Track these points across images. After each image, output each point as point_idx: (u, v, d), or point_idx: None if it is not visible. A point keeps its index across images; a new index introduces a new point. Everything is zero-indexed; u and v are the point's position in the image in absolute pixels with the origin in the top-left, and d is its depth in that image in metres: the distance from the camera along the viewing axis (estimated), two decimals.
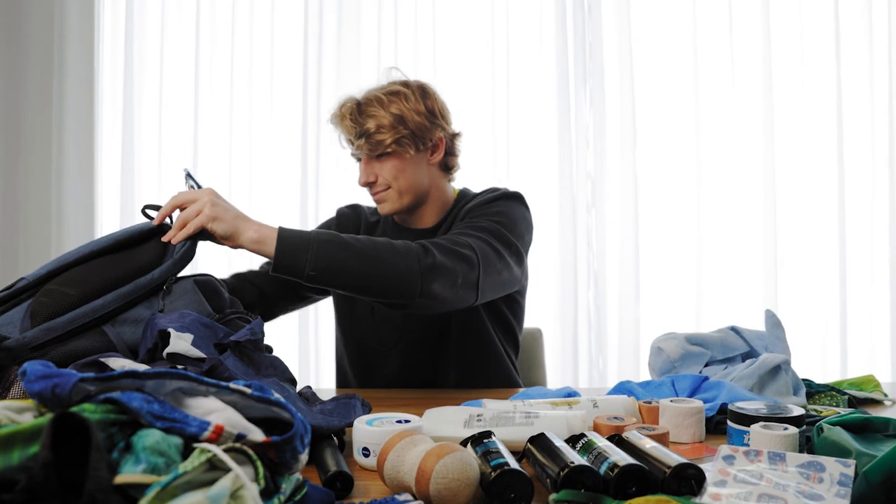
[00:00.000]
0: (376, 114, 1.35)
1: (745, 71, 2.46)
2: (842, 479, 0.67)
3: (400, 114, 1.35)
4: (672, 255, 2.46)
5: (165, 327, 0.95)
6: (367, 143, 1.35)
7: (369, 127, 1.34)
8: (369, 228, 1.52)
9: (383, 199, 1.40)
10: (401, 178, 1.37)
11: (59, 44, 2.39)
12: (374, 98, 1.37)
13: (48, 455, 0.49)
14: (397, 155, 1.36)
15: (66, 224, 2.42)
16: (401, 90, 1.38)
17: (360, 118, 1.35)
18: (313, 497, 0.66)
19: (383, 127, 1.34)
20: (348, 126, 1.36)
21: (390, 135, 1.34)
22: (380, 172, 1.38)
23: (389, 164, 1.37)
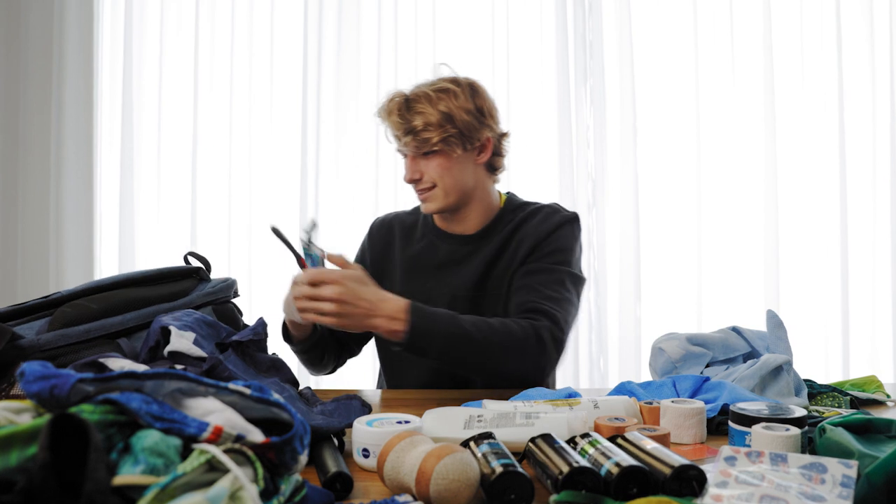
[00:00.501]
0: (424, 111, 1.32)
1: (745, 70, 2.46)
2: (844, 480, 0.66)
3: (448, 112, 1.32)
4: (673, 255, 2.46)
5: (167, 325, 0.95)
6: (414, 141, 1.32)
7: (417, 124, 1.31)
8: (406, 233, 1.48)
9: (428, 198, 1.37)
10: (446, 177, 1.35)
11: (58, 44, 2.40)
12: (422, 94, 1.34)
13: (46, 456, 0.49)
14: (444, 153, 1.34)
15: (64, 224, 2.42)
16: (450, 87, 1.35)
17: (407, 114, 1.32)
18: (313, 498, 0.65)
19: (431, 125, 1.31)
20: (395, 122, 1.33)
21: (437, 133, 1.31)
22: (425, 170, 1.35)
23: (435, 163, 1.34)
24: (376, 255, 1.47)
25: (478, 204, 1.41)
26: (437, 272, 1.41)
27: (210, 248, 2.44)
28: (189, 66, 2.46)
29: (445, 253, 1.42)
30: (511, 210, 1.44)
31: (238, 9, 2.47)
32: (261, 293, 2.43)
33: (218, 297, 1.17)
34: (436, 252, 1.43)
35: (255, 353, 1.03)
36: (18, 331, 0.98)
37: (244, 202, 2.47)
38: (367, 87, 2.45)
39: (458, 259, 1.41)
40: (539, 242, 1.36)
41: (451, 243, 1.42)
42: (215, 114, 2.47)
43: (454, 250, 1.42)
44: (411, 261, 1.43)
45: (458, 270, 1.40)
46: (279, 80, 2.48)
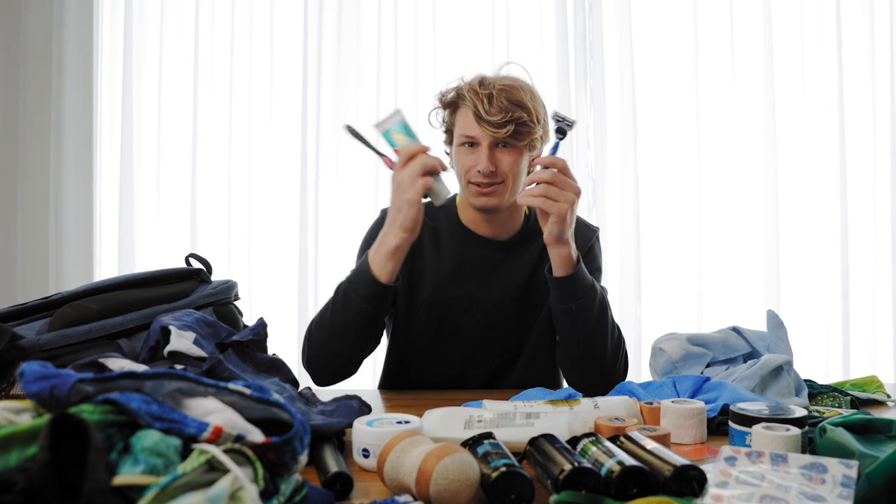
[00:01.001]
0: (529, 104, 1.28)
1: (746, 69, 2.46)
2: (844, 480, 0.66)
3: (540, 111, 1.31)
4: (673, 255, 2.46)
5: (167, 325, 0.95)
6: (515, 129, 1.25)
7: (521, 115, 1.25)
8: (433, 233, 1.40)
9: (494, 192, 1.30)
10: (517, 172, 1.30)
11: (58, 44, 2.39)
12: (524, 87, 1.30)
13: (46, 456, 0.49)
14: (519, 150, 1.30)
15: (64, 224, 2.42)
16: (534, 89, 1.33)
17: (512, 101, 1.26)
18: (313, 498, 0.65)
19: (533, 120, 1.28)
20: (501, 105, 1.24)
21: (536, 129, 1.29)
22: (499, 164, 1.28)
23: (511, 158, 1.29)
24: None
25: (515, 211, 1.38)
26: (477, 277, 1.37)
27: (210, 247, 2.44)
28: (189, 66, 2.46)
29: (481, 258, 1.38)
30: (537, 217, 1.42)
31: (238, 9, 2.47)
32: (261, 294, 2.43)
33: (218, 299, 1.17)
34: (471, 257, 1.38)
35: (255, 353, 1.03)
36: (19, 331, 0.98)
37: (244, 202, 2.47)
38: (367, 87, 2.45)
39: (494, 265, 1.37)
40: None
41: (486, 248, 1.38)
42: (215, 114, 2.46)
43: (489, 256, 1.38)
44: (446, 265, 1.38)
45: (499, 278, 1.37)
46: (279, 80, 2.47)
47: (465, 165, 1.31)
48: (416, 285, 1.38)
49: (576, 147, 2.45)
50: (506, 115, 1.24)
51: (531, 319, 1.38)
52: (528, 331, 1.39)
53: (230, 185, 2.46)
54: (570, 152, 2.43)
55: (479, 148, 1.28)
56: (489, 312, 1.36)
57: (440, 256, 1.38)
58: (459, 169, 1.33)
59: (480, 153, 1.27)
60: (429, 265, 1.38)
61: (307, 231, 2.43)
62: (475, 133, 1.27)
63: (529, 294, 1.37)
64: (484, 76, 1.31)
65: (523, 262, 1.38)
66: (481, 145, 1.28)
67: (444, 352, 1.38)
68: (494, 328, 1.37)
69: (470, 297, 1.36)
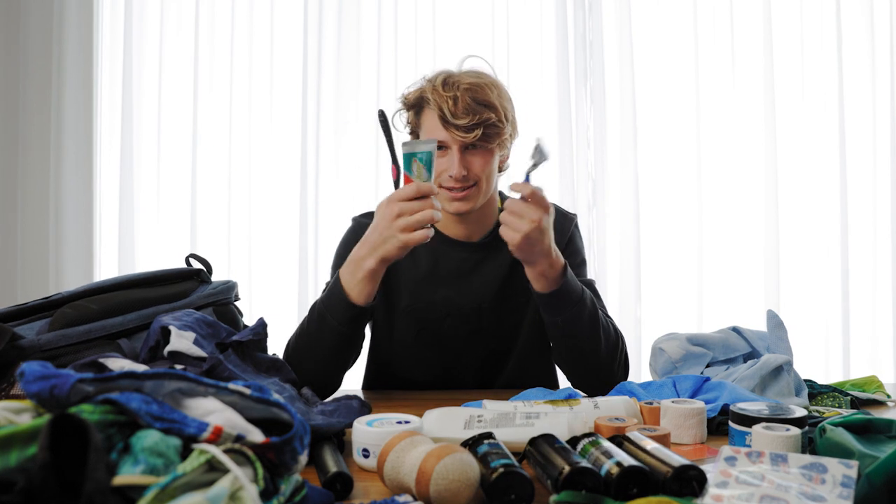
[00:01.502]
0: (496, 103, 1.23)
1: (746, 69, 2.46)
2: (844, 480, 0.66)
3: (508, 108, 1.26)
4: (673, 255, 2.46)
5: (167, 325, 0.95)
6: (484, 133, 1.21)
7: (489, 116, 1.21)
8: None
9: (468, 197, 1.26)
10: (489, 173, 1.26)
11: (58, 44, 2.39)
12: (491, 84, 1.24)
13: (46, 456, 0.49)
14: (490, 151, 1.25)
15: (64, 224, 2.42)
16: (500, 83, 1.27)
17: (479, 101, 1.21)
18: (313, 498, 0.65)
19: (501, 120, 1.23)
20: (467, 105, 1.19)
21: (504, 129, 1.25)
22: (470, 167, 1.24)
23: (482, 160, 1.24)
24: None
25: (487, 210, 1.35)
26: (454, 281, 1.34)
27: (209, 247, 2.44)
28: (189, 66, 2.46)
29: (457, 261, 1.35)
30: None
31: (238, 9, 2.47)
32: (261, 294, 2.43)
33: (218, 299, 1.17)
34: (446, 260, 1.35)
35: (255, 353, 1.03)
36: (19, 331, 0.97)
37: (244, 202, 2.47)
38: (367, 87, 2.45)
39: (470, 268, 1.35)
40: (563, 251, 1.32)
41: (461, 250, 1.36)
42: (215, 114, 2.46)
43: (465, 258, 1.36)
44: (421, 270, 1.35)
45: (476, 280, 1.35)
46: (279, 80, 2.47)
47: (434, 170, 1.24)
48: (392, 293, 1.36)
49: (576, 147, 2.45)
50: (473, 117, 1.20)
51: (515, 320, 1.35)
52: (514, 331, 1.37)
53: (230, 184, 2.46)
54: (570, 152, 2.43)
55: (449, 152, 1.24)
56: (469, 316, 1.34)
57: (415, 263, 1.36)
58: None
59: (451, 158, 1.23)
60: (404, 272, 1.36)
61: (307, 231, 2.43)
62: (443, 137, 1.23)
63: (509, 294, 1.35)
64: (448, 74, 1.27)
65: (499, 261, 1.36)
66: (451, 149, 1.24)
67: (427, 357, 1.36)
68: (476, 332, 1.34)
69: (448, 301, 1.33)
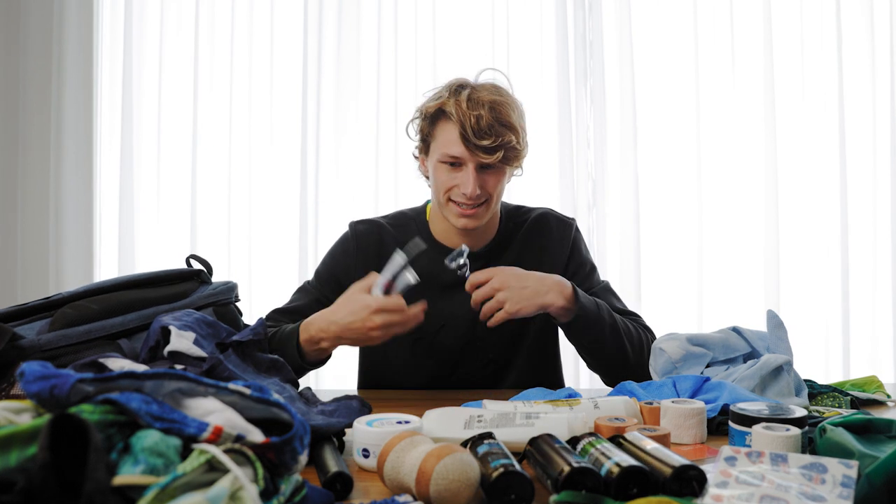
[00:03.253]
0: (516, 125, 1.22)
1: (746, 69, 2.45)
2: (844, 480, 0.66)
3: (524, 127, 1.26)
4: (673, 255, 2.46)
5: (167, 325, 0.95)
6: (504, 155, 1.20)
7: (510, 139, 1.20)
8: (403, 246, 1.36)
9: (477, 214, 1.25)
10: (499, 192, 1.26)
11: (58, 44, 2.39)
12: (511, 103, 1.23)
13: (46, 456, 0.49)
14: (503, 170, 1.25)
15: (64, 224, 2.41)
16: (517, 102, 1.27)
17: (501, 122, 1.19)
18: (313, 498, 0.65)
19: (520, 142, 1.23)
20: (492, 127, 1.18)
21: (522, 150, 1.25)
22: (484, 185, 1.23)
23: (496, 178, 1.24)
24: (369, 267, 1.29)
25: (490, 221, 1.35)
26: (449, 292, 1.31)
27: (209, 247, 2.43)
28: (189, 66, 2.46)
29: (454, 271, 1.31)
30: (509, 219, 1.40)
31: (238, 9, 2.47)
32: (261, 294, 2.43)
33: (219, 300, 1.17)
34: (444, 270, 1.31)
35: (255, 353, 1.03)
36: (19, 331, 0.97)
37: (244, 202, 2.47)
38: (367, 87, 2.45)
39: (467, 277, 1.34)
40: (568, 261, 1.37)
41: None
42: (215, 114, 2.46)
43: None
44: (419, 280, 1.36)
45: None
46: (279, 80, 2.47)
47: (445, 184, 1.25)
48: None
49: (576, 147, 2.44)
50: (495, 139, 1.19)
51: (515, 331, 1.34)
52: (514, 342, 1.36)
53: (230, 185, 2.46)
54: (570, 152, 2.43)
55: (464, 169, 1.23)
56: (464, 328, 1.32)
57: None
58: (438, 185, 1.27)
59: (465, 175, 1.22)
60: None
61: (307, 231, 2.43)
62: (461, 154, 1.21)
63: None
64: (470, 88, 1.24)
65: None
66: (466, 166, 1.22)
67: (421, 368, 1.35)
68: (471, 343, 1.34)
69: (443, 312, 1.31)
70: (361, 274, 1.31)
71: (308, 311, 1.33)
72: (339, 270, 1.37)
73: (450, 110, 1.21)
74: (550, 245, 1.38)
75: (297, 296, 1.39)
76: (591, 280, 1.40)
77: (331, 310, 1.15)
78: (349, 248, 1.38)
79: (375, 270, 1.28)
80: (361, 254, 1.36)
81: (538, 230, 1.39)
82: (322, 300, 1.35)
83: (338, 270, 1.38)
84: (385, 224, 1.40)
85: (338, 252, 1.40)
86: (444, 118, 1.24)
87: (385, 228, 1.39)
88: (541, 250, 1.37)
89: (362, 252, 1.36)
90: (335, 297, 1.34)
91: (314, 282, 1.40)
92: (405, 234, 1.36)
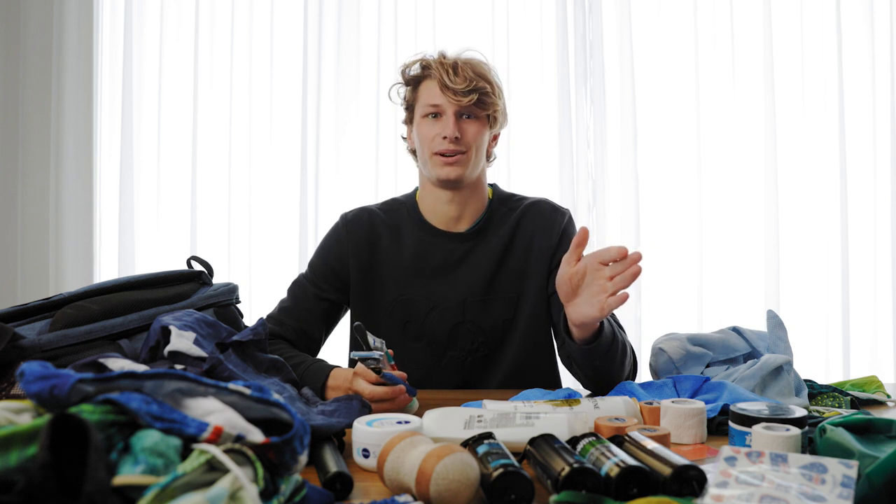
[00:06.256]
0: (489, 77, 1.33)
1: (746, 69, 2.45)
2: (844, 480, 0.66)
3: (500, 88, 1.36)
4: (673, 255, 2.46)
5: (167, 325, 0.95)
6: (479, 99, 1.30)
7: (484, 85, 1.31)
8: (392, 231, 1.39)
9: (458, 162, 1.32)
10: (480, 144, 1.34)
11: (58, 44, 2.39)
12: (483, 63, 1.35)
13: (46, 456, 0.49)
14: (482, 122, 1.34)
15: (64, 224, 2.42)
16: (491, 65, 1.38)
17: (476, 72, 1.31)
18: (313, 498, 0.65)
19: (493, 92, 1.33)
20: (466, 75, 1.29)
21: (497, 101, 1.34)
22: (464, 134, 1.32)
23: (474, 128, 1.32)
24: (360, 254, 1.38)
25: (477, 195, 1.39)
26: (439, 274, 1.36)
27: (209, 246, 2.44)
28: (189, 66, 2.46)
29: (443, 252, 1.37)
30: (500, 203, 1.42)
31: (238, 9, 2.47)
32: (261, 295, 2.43)
33: (220, 301, 1.17)
34: (433, 252, 1.37)
35: (255, 353, 1.03)
36: (20, 331, 0.97)
37: (244, 202, 2.47)
38: (367, 87, 2.45)
39: (457, 259, 1.37)
40: (557, 248, 1.36)
41: (447, 241, 1.37)
42: (215, 114, 2.46)
43: (451, 249, 1.37)
44: (407, 262, 1.37)
45: (462, 272, 1.36)
46: (279, 80, 2.47)
47: (429, 135, 1.33)
48: (377, 287, 1.38)
49: (576, 147, 2.44)
50: (470, 83, 1.29)
51: (505, 315, 1.36)
52: (505, 327, 1.37)
53: (230, 185, 2.46)
54: (570, 152, 2.43)
55: (444, 117, 1.32)
56: (453, 309, 1.36)
57: (401, 255, 1.38)
58: (422, 142, 1.34)
59: (446, 121, 1.31)
60: (389, 265, 1.38)
61: (307, 231, 2.43)
62: (440, 101, 1.31)
63: (496, 288, 1.36)
64: (435, 53, 1.36)
65: (488, 251, 1.37)
66: (446, 114, 1.31)
67: (411, 350, 1.37)
68: (461, 324, 1.36)
69: (433, 294, 1.35)
70: (355, 261, 1.37)
71: (310, 307, 1.37)
72: (333, 259, 1.40)
73: (429, 64, 1.34)
74: (540, 231, 1.39)
75: (295, 292, 1.41)
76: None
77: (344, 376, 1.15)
78: (341, 237, 1.41)
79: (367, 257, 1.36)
80: (353, 241, 1.39)
81: (529, 216, 1.40)
82: (319, 293, 1.38)
83: (331, 259, 1.40)
84: (376, 210, 1.43)
85: (330, 241, 1.43)
86: (425, 78, 1.35)
87: (375, 214, 1.42)
88: (530, 236, 1.38)
89: (353, 239, 1.39)
90: (330, 286, 1.39)
91: (308, 273, 1.42)
92: (396, 219, 1.41)
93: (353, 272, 1.38)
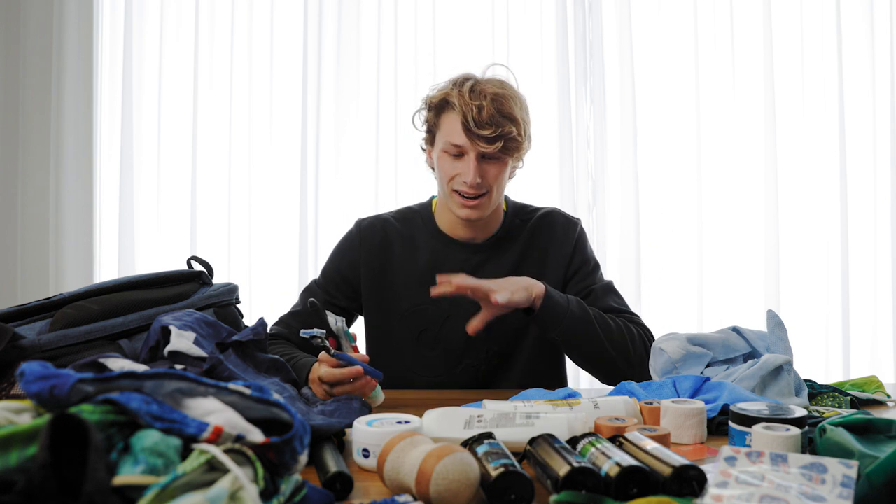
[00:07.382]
0: (518, 116, 1.25)
1: (746, 69, 2.45)
2: (844, 480, 0.66)
3: (527, 121, 1.29)
4: (673, 255, 2.46)
5: (167, 325, 0.95)
6: (505, 145, 1.24)
7: (511, 130, 1.23)
8: (407, 240, 1.39)
9: (480, 205, 1.28)
10: (501, 184, 1.30)
11: (58, 44, 2.39)
12: (511, 96, 1.27)
13: (46, 456, 0.49)
14: (504, 161, 1.28)
15: (64, 224, 2.41)
16: (522, 96, 1.30)
17: (503, 113, 1.23)
18: (313, 498, 0.65)
19: (521, 134, 1.26)
20: (492, 119, 1.22)
21: (524, 141, 1.28)
22: (485, 175, 1.26)
23: (497, 169, 1.27)
24: (373, 261, 1.38)
25: (495, 212, 1.37)
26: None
27: (209, 245, 2.43)
28: (189, 66, 2.45)
29: (458, 262, 1.35)
30: (515, 214, 1.42)
31: (238, 9, 2.47)
32: (261, 295, 2.43)
33: (220, 301, 1.17)
34: (448, 261, 1.36)
35: (255, 353, 1.03)
36: (20, 331, 0.98)
37: (244, 202, 2.47)
38: (367, 87, 2.45)
39: (472, 269, 1.35)
40: (571, 258, 1.38)
41: (463, 252, 1.37)
42: (215, 114, 2.46)
43: (466, 259, 1.36)
44: (421, 271, 1.36)
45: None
46: (279, 80, 2.47)
47: (449, 173, 1.29)
48: (389, 296, 1.37)
49: (576, 147, 2.44)
50: (496, 129, 1.22)
51: (518, 323, 1.35)
52: (518, 335, 1.37)
53: (230, 185, 2.46)
54: (570, 152, 2.43)
55: (466, 158, 1.26)
56: (468, 319, 1.32)
57: (415, 264, 1.37)
58: (442, 175, 1.31)
59: (467, 164, 1.25)
60: (403, 274, 1.37)
61: (307, 232, 2.43)
62: (463, 143, 1.25)
63: None
64: (475, 80, 1.28)
65: (503, 262, 1.37)
66: (468, 155, 1.26)
67: (426, 359, 1.36)
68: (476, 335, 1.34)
69: (449, 303, 1.33)
70: (366, 269, 1.37)
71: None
72: (345, 266, 1.40)
73: (453, 101, 1.26)
74: (554, 243, 1.39)
75: (306, 297, 1.40)
76: (593, 278, 1.41)
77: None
78: (354, 243, 1.41)
79: (379, 265, 1.35)
80: (365, 249, 1.39)
81: (543, 227, 1.40)
82: (329, 299, 1.37)
83: (343, 266, 1.40)
84: (390, 219, 1.43)
85: (343, 248, 1.43)
86: (448, 109, 1.28)
87: (390, 223, 1.42)
88: (544, 247, 1.39)
89: (366, 247, 1.39)
90: (341, 294, 1.38)
91: (321, 280, 1.42)
92: (411, 228, 1.40)
93: (365, 280, 1.38)
